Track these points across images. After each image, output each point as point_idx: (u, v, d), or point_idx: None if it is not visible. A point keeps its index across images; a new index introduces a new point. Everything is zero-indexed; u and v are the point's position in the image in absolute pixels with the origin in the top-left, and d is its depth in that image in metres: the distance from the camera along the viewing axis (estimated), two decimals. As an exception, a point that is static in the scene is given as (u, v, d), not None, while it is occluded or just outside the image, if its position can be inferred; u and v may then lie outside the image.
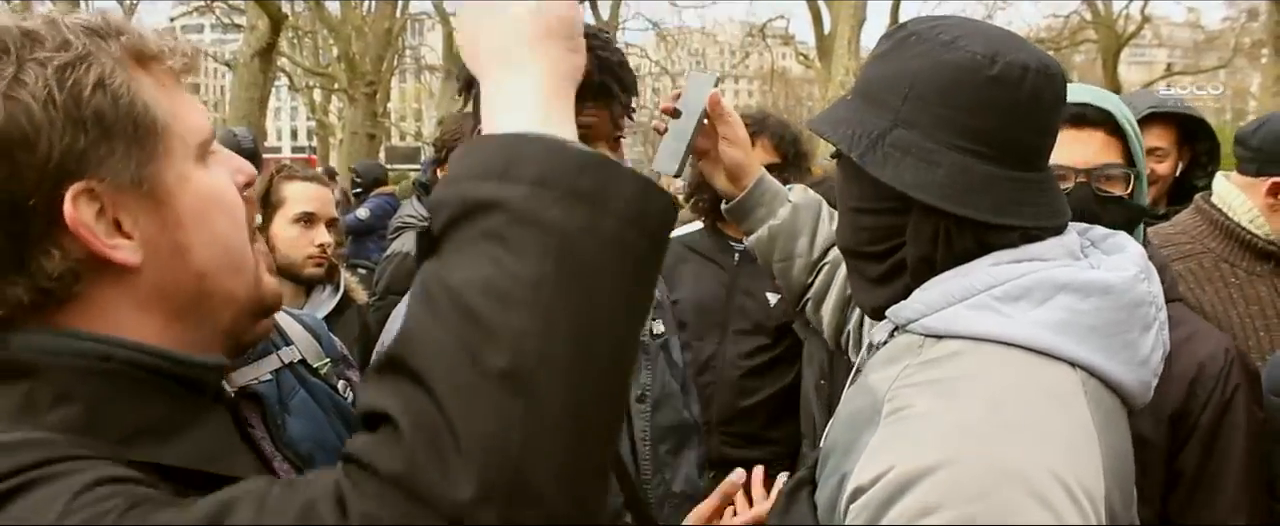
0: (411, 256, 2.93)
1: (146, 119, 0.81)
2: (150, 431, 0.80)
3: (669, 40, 31.31)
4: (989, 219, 1.06)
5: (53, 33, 0.80)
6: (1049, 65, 1.09)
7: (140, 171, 0.81)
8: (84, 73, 0.78)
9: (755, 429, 2.78)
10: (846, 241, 1.21)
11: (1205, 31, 36.04)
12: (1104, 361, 1.03)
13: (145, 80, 0.84)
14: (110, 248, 0.80)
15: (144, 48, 0.84)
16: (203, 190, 0.86)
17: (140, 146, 0.81)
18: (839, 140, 1.13)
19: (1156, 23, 31.39)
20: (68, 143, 0.77)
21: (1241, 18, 29.42)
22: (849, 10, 17.55)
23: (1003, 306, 1.04)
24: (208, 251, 0.86)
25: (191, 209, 0.85)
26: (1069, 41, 29.12)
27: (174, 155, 0.84)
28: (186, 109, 0.86)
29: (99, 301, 0.82)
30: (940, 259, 1.09)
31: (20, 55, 0.77)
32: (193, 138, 0.86)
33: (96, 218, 0.79)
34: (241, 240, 0.90)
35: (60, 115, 0.76)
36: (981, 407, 0.95)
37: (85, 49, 0.80)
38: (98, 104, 0.78)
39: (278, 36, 14.89)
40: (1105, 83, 25.48)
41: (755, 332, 2.77)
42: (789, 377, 2.77)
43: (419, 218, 3.03)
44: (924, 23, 1.14)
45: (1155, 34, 32.96)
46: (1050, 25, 30.88)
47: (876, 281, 1.17)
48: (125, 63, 0.82)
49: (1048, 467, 0.90)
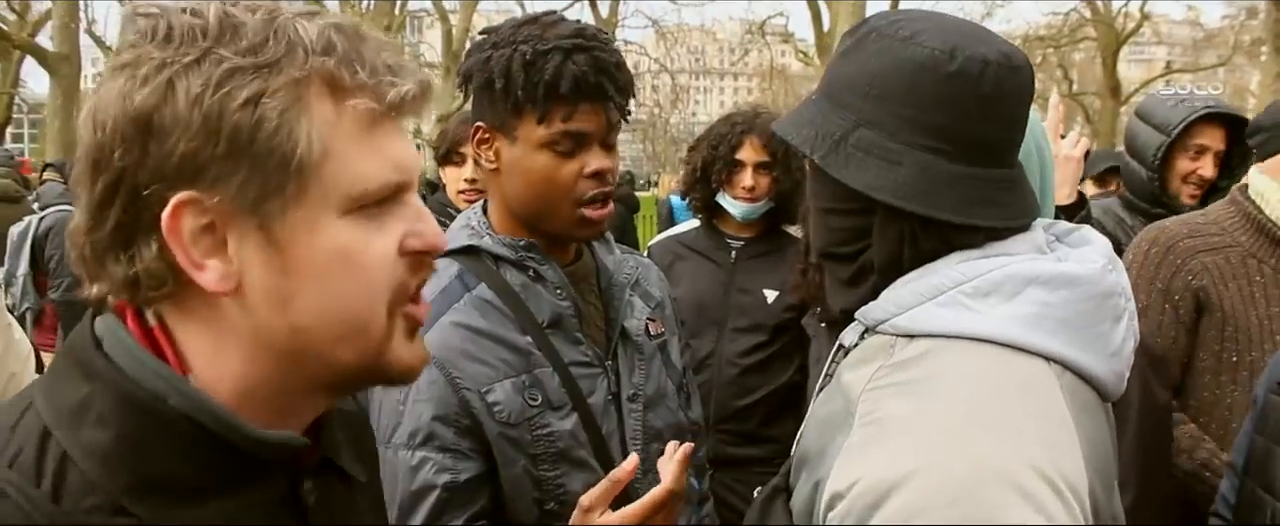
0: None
1: (287, 153, 0.75)
2: (166, 489, 0.76)
3: (668, 38, 31.24)
4: (951, 218, 1.05)
5: (258, 30, 0.76)
6: (1012, 56, 1.07)
7: (260, 203, 0.75)
8: (245, 83, 0.74)
9: (753, 427, 2.77)
10: (817, 243, 1.21)
11: (1205, 29, 35.97)
12: (1077, 353, 1.03)
13: (322, 111, 0.76)
14: (196, 266, 0.76)
15: (340, 78, 0.77)
16: (331, 246, 0.78)
17: (268, 178, 0.75)
18: (800, 142, 1.12)
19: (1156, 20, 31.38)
20: (193, 148, 0.73)
21: (1241, 15, 29.39)
22: (848, 8, 17.53)
23: (973, 302, 1.03)
24: (313, 308, 0.78)
25: (308, 260, 0.77)
26: (1068, 39, 29.12)
27: (308, 199, 0.76)
28: (361, 156, 0.78)
29: (200, 316, 0.79)
30: (907, 259, 1.09)
31: (210, 45, 0.74)
32: (348, 188, 0.77)
33: (200, 231, 0.75)
34: (365, 308, 0.80)
35: (199, 118, 0.73)
36: (957, 406, 0.95)
37: (272, 58, 0.75)
38: (239, 120, 0.73)
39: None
40: (1105, 80, 25.48)
41: (753, 330, 2.77)
42: (786, 375, 2.77)
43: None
44: (884, 19, 1.13)
45: (1155, 31, 32.92)
46: (1050, 23, 30.85)
47: (847, 283, 1.16)
48: (307, 86, 0.76)
49: (1029, 462, 0.89)
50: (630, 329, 1.73)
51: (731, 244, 2.88)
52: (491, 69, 1.55)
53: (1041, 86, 33.02)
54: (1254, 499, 1.64)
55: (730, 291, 2.82)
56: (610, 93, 1.54)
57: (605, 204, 1.61)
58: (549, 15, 1.59)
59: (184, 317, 0.80)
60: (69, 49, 16.92)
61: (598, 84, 1.52)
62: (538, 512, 1.58)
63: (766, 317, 2.77)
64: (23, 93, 27.43)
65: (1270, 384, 1.67)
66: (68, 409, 0.76)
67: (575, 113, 1.53)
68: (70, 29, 17.19)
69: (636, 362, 1.73)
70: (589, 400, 1.63)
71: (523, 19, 1.60)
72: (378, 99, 0.78)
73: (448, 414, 1.53)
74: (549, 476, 1.57)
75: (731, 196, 2.80)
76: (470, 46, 1.63)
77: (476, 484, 1.55)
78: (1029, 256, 1.07)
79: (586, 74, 1.51)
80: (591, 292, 1.73)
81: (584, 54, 1.51)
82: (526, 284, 1.62)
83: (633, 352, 1.72)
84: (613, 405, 1.67)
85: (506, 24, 1.60)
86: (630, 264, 1.83)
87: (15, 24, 19.83)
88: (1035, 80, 1.13)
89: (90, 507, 0.73)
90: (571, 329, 1.64)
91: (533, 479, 1.57)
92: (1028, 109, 1.12)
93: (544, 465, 1.57)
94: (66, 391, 0.78)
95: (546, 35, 1.52)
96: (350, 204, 0.78)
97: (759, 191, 2.76)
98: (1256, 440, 1.66)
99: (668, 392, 1.78)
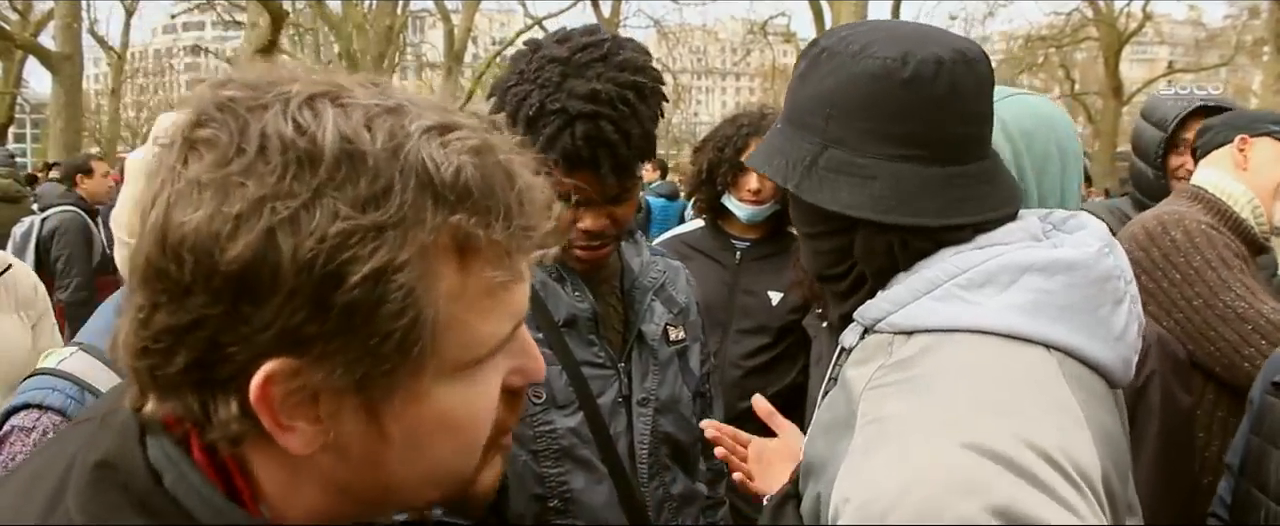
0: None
1: (409, 335, 0.63)
2: None
3: (670, 37, 31.25)
4: (934, 222, 1.05)
5: (383, 168, 0.62)
6: (966, 51, 1.07)
7: (365, 381, 0.64)
8: (369, 251, 0.60)
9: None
10: (810, 267, 1.20)
11: (1207, 29, 36.00)
12: (1079, 339, 1.01)
13: (448, 277, 0.65)
14: (283, 429, 0.65)
15: (474, 238, 0.64)
16: (435, 413, 0.68)
17: (381, 359, 0.64)
18: (773, 172, 1.12)
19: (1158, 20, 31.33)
20: (298, 322, 0.61)
21: (1243, 15, 29.39)
22: (850, 8, 17.52)
23: (969, 294, 1.02)
24: (408, 471, 0.70)
25: (409, 429, 0.68)
26: (1070, 39, 29.10)
27: (422, 374, 0.66)
28: (483, 320, 0.68)
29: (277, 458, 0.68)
30: (901, 266, 1.08)
31: (324, 184, 0.60)
32: (466, 354, 0.68)
33: (290, 392, 0.64)
34: (461, 464, 0.73)
35: (308, 287, 0.60)
36: (960, 400, 0.94)
37: (398, 216, 0.61)
38: (357, 298, 0.61)
39: (279, 34, 14.87)
40: (1107, 80, 25.47)
41: (757, 332, 2.76)
42: (791, 377, 2.76)
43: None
44: (835, 36, 1.13)
45: (1157, 31, 32.88)
46: (1052, 23, 30.84)
47: (844, 294, 1.16)
48: (434, 253, 0.63)
49: (1041, 451, 0.88)
50: (647, 333, 1.73)
51: (736, 245, 2.87)
52: (506, 102, 1.54)
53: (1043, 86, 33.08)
54: (1249, 499, 1.65)
55: (735, 293, 2.81)
56: (604, 169, 1.50)
57: (599, 250, 1.61)
58: (584, 48, 1.52)
59: (261, 453, 0.69)
60: (71, 49, 16.92)
61: (592, 158, 1.49)
62: (539, 509, 1.58)
63: (771, 319, 2.76)
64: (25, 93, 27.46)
65: (1266, 384, 1.67)
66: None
67: (568, 176, 1.51)
68: (72, 29, 17.19)
69: (651, 367, 1.72)
70: (598, 400, 1.63)
71: (561, 40, 1.54)
72: (510, 266, 0.67)
73: None
74: (552, 473, 1.58)
75: (737, 198, 2.79)
76: (513, 55, 1.61)
77: None
78: (1023, 244, 1.06)
79: (580, 149, 1.48)
80: (613, 294, 1.74)
81: (588, 122, 1.47)
82: (546, 282, 1.63)
83: (647, 357, 1.72)
84: (623, 407, 1.67)
85: (544, 49, 1.55)
86: (658, 267, 1.82)
87: (17, 24, 19.85)
88: (993, 70, 1.13)
89: None
90: (586, 330, 1.64)
91: (534, 474, 1.57)
92: (991, 99, 1.12)
93: (546, 461, 1.57)
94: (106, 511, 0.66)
95: (564, 85, 1.48)
96: (467, 367, 0.69)
97: (764, 194, 2.74)
98: (1252, 440, 1.66)
99: (682, 399, 1.78)
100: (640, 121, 1.51)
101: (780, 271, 2.78)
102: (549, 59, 1.51)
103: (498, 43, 38.50)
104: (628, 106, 1.49)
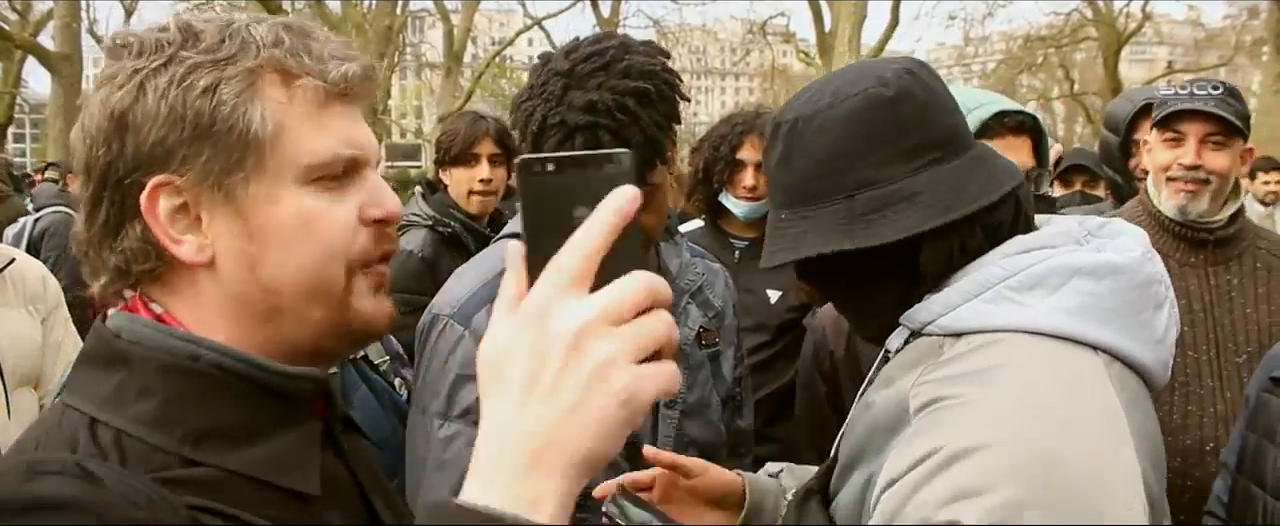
0: (415, 254, 2.93)
1: (243, 131, 0.84)
2: (222, 434, 0.84)
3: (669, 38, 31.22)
4: (990, 200, 1.08)
5: (215, 35, 0.86)
6: (909, 62, 1.15)
7: (224, 178, 0.85)
8: (203, 75, 0.84)
9: (756, 427, 2.78)
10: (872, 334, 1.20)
11: (1206, 29, 35.96)
12: (1126, 342, 1.03)
13: (274, 94, 0.86)
14: (174, 241, 0.86)
15: (288, 65, 0.86)
16: (291, 212, 0.86)
17: (229, 154, 0.84)
18: (810, 251, 1.10)
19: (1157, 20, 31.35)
20: (161, 136, 0.83)
21: (1242, 15, 29.37)
22: (850, 8, 17.54)
23: (1019, 296, 1.04)
24: (279, 271, 0.87)
25: (272, 227, 0.86)
26: (1070, 39, 29.09)
27: (267, 172, 0.85)
28: (312, 132, 0.87)
29: (185, 293, 0.88)
30: (958, 266, 1.10)
31: (175, 51, 0.84)
32: (304, 160, 0.86)
33: (176, 211, 0.85)
34: (326, 268, 0.88)
35: (165, 109, 0.83)
36: (1014, 394, 0.95)
37: (227, 54, 0.85)
38: (199, 107, 0.83)
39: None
40: (1106, 80, 25.46)
41: (756, 330, 2.76)
42: (789, 375, 2.76)
43: (423, 216, 3.04)
44: (790, 109, 1.15)
45: (1156, 32, 32.88)
46: (1051, 23, 30.82)
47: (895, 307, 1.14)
48: (259, 74, 0.85)
49: (1085, 451, 0.90)
50: (680, 337, 1.72)
51: (735, 244, 2.88)
52: (518, 119, 1.56)
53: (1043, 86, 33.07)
54: (1247, 495, 1.65)
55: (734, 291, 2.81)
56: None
57: None
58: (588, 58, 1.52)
59: (174, 297, 0.89)
60: (70, 49, 16.94)
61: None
62: None
63: (769, 318, 2.77)
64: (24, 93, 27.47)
65: (1263, 381, 1.68)
66: (107, 396, 0.84)
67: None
68: (72, 29, 17.21)
69: (681, 370, 1.72)
70: None
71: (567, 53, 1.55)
72: (323, 79, 0.87)
73: None
74: None
75: (733, 196, 2.81)
76: (531, 68, 1.62)
77: None
78: (1069, 248, 1.08)
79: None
80: None
81: (587, 133, 1.48)
82: None
83: (679, 360, 1.72)
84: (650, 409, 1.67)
85: (552, 62, 1.55)
86: (697, 270, 1.82)
87: (17, 24, 19.84)
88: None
89: (158, 466, 0.80)
90: None
91: None
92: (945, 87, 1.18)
93: None
94: (99, 383, 0.85)
95: (565, 97, 1.49)
96: (306, 175, 0.87)
97: (761, 190, 2.75)
98: (1249, 437, 1.67)
99: (711, 403, 1.78)
100: (642, 128, 1.50)
101: (779, 270, 2.77)
102: (554, 72, 1.53)
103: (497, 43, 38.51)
104: (627, 114, 1.49)
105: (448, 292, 1.69)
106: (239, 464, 0.83)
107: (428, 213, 3.04)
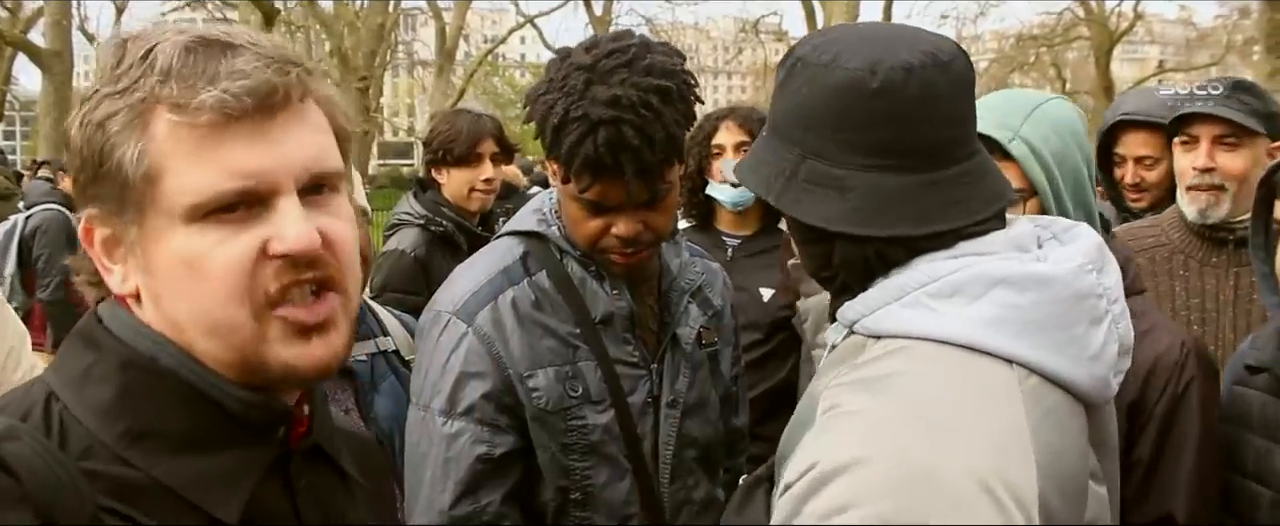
0: (407, 254, 2.92)
1: (125, 169, 0.81)
2: (162, 439, 0.84)
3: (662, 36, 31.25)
4: (912, 232, 1.04)
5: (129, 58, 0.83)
6: (938, 54, 1.06)
7: (119, 216, 0.85)
8: (101, 108, 0.82)
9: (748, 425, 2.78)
10: (806, 269, 1.21)
11: (1197, 28, 36.04)
12: (1046, 356, 1.00)
13: (162, 126, 0.81)
14: (105, 271, 0.88)
15: (178, 97, 0.80)
16: (175, 254, 0.82)
17: (120, 194, 0.83)
18: (756, 185, 1.13)
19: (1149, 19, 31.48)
20: (81, 170, 0.85)
21: (1233, 15, 29.51)
22: (842, 7, 17.57)
23: (935, 303, 1.02)
24: (177, 310, 0.85)
25: (162, 268, 0.84)
26: (1062, 39, 29.19)
27: (154, 211, 0.83)
28: (192, 168, 0.81)
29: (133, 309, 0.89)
30: (878, 274, 1.08)
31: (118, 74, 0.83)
32: (183, 198, 0.81)
33: (107, 241, 0.87)
34: (219, 311, 0.83)
35: (81, 143, 0.84)
36: (904, 405, 0.95)
37: (126, 84, 0.82)
38: (95, 143, 0.83)
39: (270, 31, 14.85)
40: (1098, 79, 25.55)
41: (748, 329, 2.75)
42: (782, 373, 2.77)
43: (415, 215, 3.02)
44: (809, 44, 1.12)
45: (1147, 31, 33.06)
46: (1043, 22, 30.93)
47: (835, 294, 1.16)
48: (150, 107, 0.81)
49: (967, 467, 0.89)
50: (681, 336, 1.74)
51: (728, 242, 2.88)
52: (536, 112, 1.55)
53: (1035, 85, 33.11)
54: (1236, 487, 1.66)
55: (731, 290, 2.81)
56: (629, 174, 1.50)
57: (635, 255, 1.62)
58: (610, 54, 1.52)
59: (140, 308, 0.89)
60: (61, 46, 16.85)
61: (615, 163, 1.49)
62: (561, 500, 1.62)
63: (762, 316, 2.77)
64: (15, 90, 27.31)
65: (1234, 374, 1.71)
66: (75, 374, 0.86)
67: (594, 185, 1.54)
68: (62, 26, 17.11)
69: (682, 369, 1.74)
70: (629, 399, 1.65)
71: (589, 48, 1.55)
72: (218, 106, 0.80)
73: (491, 389, 1.57)
74: (578, 466, 1.61)
75: (717, 183, 2.81)
76: (547, 63, 1.62)
77: (511, 459, 1.59)
78: (1000, 256, 1.04)
79: (603, 156, 1.48)
80: (650, 294, 1.75)
81: (610, 128, 1.47)
82: (586, 278, 1.65)
83: (680, 359, 1.74)
84: (650, 408, 1.70)
85: (573, 57, 1.55)
86: (696, 269, 1.84)
87: (7, 21, 19.74)
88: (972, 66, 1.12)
89: (89, 456, 0.81)
90: (621, 328, 1.66)
91: (561, 466, 1.61)
92: (971, 98, 1.10)
93: (574, 455, 1.61)
94: (74, 360, 0.87)
95: (588, 92, 1.49)
96: (191, 213, 0.81)
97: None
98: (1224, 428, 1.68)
99: (710, 402, 1.79)
100: (664, 125, 1.51)
101: (772, 268, 2.78)
102: (575, 66, 1.52)
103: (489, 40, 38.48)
104: (650, 111, 1.49)
105: (450, 290, 1.69)
106: (164, 473, 0.82)
107: (419, 212, 3.02)
